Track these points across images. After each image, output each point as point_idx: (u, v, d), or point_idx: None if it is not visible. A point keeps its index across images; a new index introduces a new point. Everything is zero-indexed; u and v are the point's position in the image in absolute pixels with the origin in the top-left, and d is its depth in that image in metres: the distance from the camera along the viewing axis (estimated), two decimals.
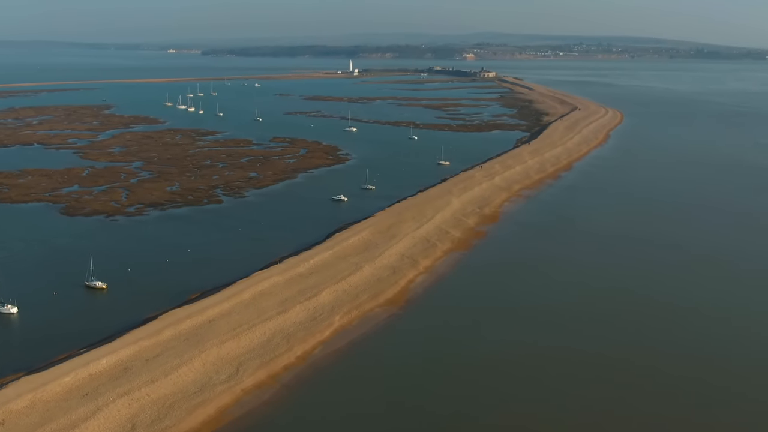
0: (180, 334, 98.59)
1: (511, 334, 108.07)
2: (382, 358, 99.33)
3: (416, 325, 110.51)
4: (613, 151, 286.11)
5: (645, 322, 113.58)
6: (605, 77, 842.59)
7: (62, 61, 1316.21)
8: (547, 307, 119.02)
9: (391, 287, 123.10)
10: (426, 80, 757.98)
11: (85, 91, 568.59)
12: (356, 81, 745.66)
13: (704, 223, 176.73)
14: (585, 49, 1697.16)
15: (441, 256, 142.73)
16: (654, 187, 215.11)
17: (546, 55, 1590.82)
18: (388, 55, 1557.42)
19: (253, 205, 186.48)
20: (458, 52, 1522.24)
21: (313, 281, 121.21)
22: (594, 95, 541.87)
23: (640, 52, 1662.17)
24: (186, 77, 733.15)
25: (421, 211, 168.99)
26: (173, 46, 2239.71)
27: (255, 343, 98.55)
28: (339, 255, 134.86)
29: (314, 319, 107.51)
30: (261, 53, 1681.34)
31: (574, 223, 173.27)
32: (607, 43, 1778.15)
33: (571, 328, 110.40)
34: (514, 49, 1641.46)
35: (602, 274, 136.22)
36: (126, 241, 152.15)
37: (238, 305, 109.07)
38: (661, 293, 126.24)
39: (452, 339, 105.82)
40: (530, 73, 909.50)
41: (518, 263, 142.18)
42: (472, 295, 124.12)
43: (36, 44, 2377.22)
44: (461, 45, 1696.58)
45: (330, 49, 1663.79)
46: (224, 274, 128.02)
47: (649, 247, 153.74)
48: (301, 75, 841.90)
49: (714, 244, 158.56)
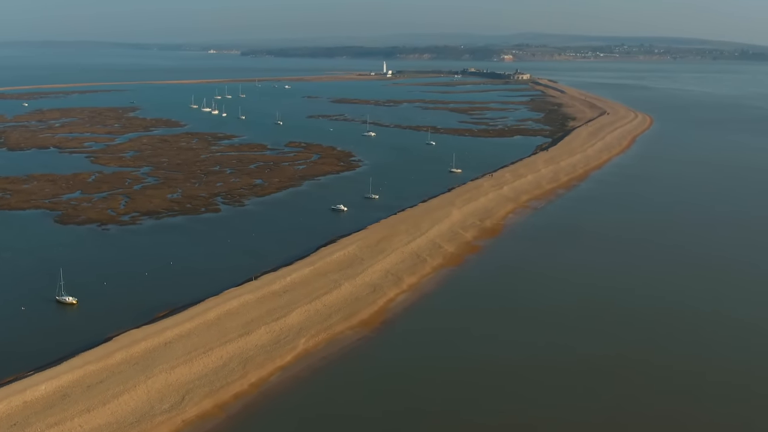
0: (131, 357, 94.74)
1: (491, 363, 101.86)
2: (341, 388, 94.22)
3: (386, 351, 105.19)
4: (635, 159, 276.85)
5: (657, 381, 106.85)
6: (643, 79, 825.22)
7: (104, 61, 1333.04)
8: (535, 335, 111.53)
9: (367, 307, 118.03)
10: (458, 82, 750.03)
11: (116, 92, 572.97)
12: (388, 83, 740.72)
13: (730, 244, 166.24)
14: (626, 50, 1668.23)
15: (429, 272, 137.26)
16: (673, 200, 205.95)
17: (586, 57, 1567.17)
18: (425, 55, 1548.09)
19: (250, 215, 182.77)
20: (496, 53, 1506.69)
21: (285, 300, 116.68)
22: (627, 99, 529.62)
23: (682, 54, 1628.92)
24: (218, 78, 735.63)
25: (417, 224, 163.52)
26: (214, 46, 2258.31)
27: (209, 368, 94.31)
28: (319, 271, 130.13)
29: (278, 343, 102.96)
30: (299, 54, 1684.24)
31: (579, 238, 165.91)
32: (649, 44, 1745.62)
33: (562, 361, 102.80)
34: (553, 50, 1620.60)
35: (601, 299, 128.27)
36: (111, 252, 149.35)
37: (201, 326, 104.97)
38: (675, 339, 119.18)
39: (424, 368, 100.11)
40: (567, 75, 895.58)
41: (510, 282, 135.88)
42: (453, 317, 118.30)
43: (83, 44, 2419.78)
44: (500, 46, 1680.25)
45: (368, 49, 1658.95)
46: (199, 289, 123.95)
47: (656, 265, 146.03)
48: (333, 77, 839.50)
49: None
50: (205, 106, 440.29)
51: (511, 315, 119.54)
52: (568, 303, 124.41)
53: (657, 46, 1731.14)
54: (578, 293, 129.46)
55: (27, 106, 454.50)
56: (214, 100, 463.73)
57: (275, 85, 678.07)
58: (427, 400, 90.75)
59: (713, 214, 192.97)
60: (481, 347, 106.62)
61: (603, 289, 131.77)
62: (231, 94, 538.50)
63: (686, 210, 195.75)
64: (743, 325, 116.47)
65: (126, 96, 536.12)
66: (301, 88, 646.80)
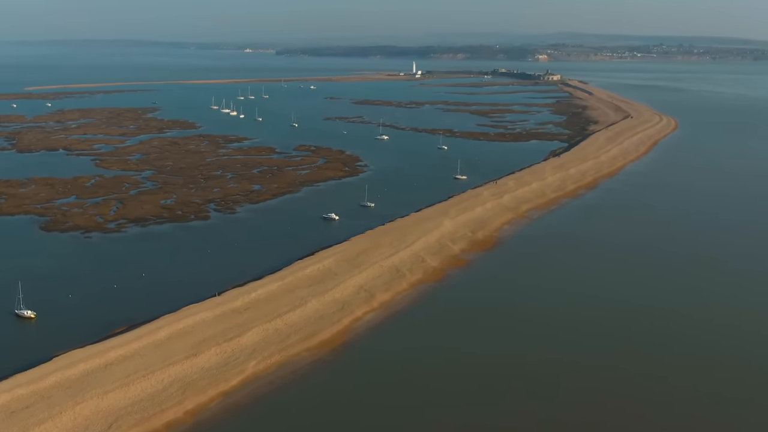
0: (66, 380, 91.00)
1: (450, 392, 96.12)
2: (283, 417, 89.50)
3: (339, 376, 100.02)
4: (650, 165, 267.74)
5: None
6: (678, 81, 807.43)
7: (140, 60, 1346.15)
8: (511, 360, 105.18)
9: (330, 326, 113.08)
10: (487, 83, 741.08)
11: (141, 92, 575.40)
12: (416, 84, 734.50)
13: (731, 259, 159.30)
14: (664, 50, 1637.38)
15: (405, 288, 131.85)
16: (680, 212, 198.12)
17: (623, 57, 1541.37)
18: (459, 55, 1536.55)
19: (239, 223, 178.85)
20: (531, 53, 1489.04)
21: (244, 318, 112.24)
22: (656, 101, 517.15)
23: (722, 54, 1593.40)
24: (246, 78, 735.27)
25: (403, 235, 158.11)
26: (250, 45, 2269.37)
27: (146, 392, 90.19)
28: (288, 287, 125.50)
29: (225, 365, 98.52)
30: (333, 53, 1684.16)
31: (571, 251, 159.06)
32: (689, 43, 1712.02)
33: (540, 394, 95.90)
34: (589, 50, 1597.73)
35: (586, 321, 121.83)
36: (85, 262, 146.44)
37: (148, 346, 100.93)
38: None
39: (378, 396, 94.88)
40: (600, 75, 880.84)
41: (489, 300, 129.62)
42: (421, 338, 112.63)
43: (123, 43, 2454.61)
44: (536, 46, 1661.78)
45: (402, 49, 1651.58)
46: (163, 304, 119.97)
47: (652, 290, 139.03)
48: (362, 77, 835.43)
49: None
50: (225, 107, 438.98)
51: (484, 337, 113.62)
52: (549, 325, 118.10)
53: (696, 46, 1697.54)
54: (562, 314, 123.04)
55: (50, 106, 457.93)
56: (235, 101, 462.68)
57: (301, 85, 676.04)
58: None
59: (716, 224, 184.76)
60: (445, 374, 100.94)
61: (588, 309, 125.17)
62: (254, 95, 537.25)
63: (688, 222, 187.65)
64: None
65: (150, 96, 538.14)
66: (327, 88, 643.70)
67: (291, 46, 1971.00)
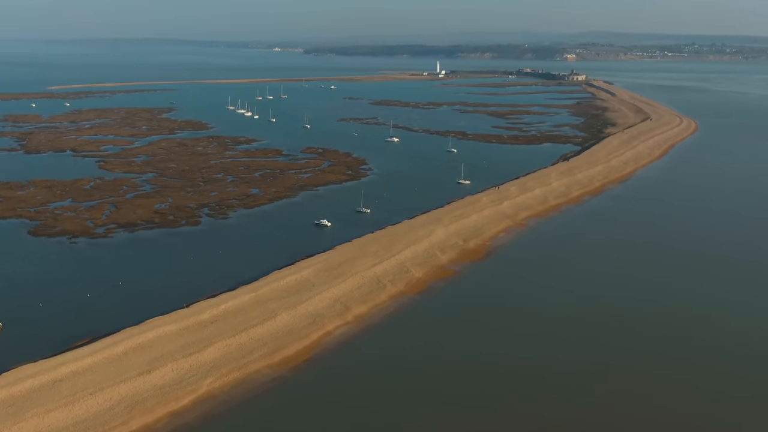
0: (9, 398, 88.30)
1: (413, 420, 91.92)
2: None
3: (297, 395, 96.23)
4: (662, 170, 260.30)
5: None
6: (706, 81, 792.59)
7: (169, 60, 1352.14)
8: (485, 377, 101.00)
9: (298, 341, 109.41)
10: (510, 83, 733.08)
11: (162, 92, 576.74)
12: (438, 83, 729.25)
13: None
14: (696, 49, 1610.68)
15: (384, 301, 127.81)
16: (685, 222, 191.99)
17: (653, 56, 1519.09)
18: (487, 55, 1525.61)
19: (228, 230, 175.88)
20: (559, 52, 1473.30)
21: (209, 332, 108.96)
22: (679, 102, 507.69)
23: (755, 54, 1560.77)
24: (270, 78, 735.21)
25: (391, 244, 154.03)
26: (279, 44, 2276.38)
27: (90, 412, 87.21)
28: (260, 299, 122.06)
29: (180, 383, 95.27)
30: (360, 52, 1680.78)
31: (568, 263, 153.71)
32: (721, 43, 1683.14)
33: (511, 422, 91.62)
34: (619, 50, 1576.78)
35: (578, 341, 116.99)
36: (65, 269, 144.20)
37: (102, 361, 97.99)
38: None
39: (335, 418, 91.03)
40: (628, 76, 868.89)
41: (472, 314, 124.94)
42: (389, 356, 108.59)
43: (155, 41, 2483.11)
44: (565, 45, 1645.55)
45: (429, 48, 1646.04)
46: (133, 315, 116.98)
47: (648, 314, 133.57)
48: (384, 76, 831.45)
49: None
50: (240, 108, 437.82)
51: (457, 353, 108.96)
52: (530, 339, 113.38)
53: (729, 45, 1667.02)
54: (545, 328, 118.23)
55: (68, 105, 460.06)
56: (253, 101, 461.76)
57: (321, 85, 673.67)
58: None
59: (719, 232, 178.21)
60: (409, 395, 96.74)
61: (575, 322, 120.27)
62: (273, 95, 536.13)
63: (691, 229, 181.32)
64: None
65: (170, 96, 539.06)
66: (347, 88, 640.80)
67: (319, 45, 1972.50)
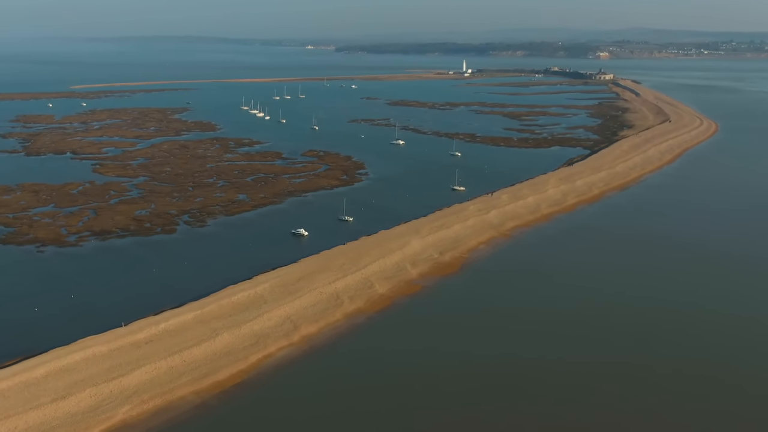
0: None
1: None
2: None
3: (219, 425, 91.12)
4: (669, 177, 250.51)
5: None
6: (738, 81, 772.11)
7: (199, 58, 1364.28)
8: (434, 413, 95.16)
9: (233, 364, 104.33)
10: (535, 82, 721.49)
11: (181, 91, 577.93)
12: (461, 83, 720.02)
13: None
14: (733, 47, 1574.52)
15: (338, 320, 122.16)
16: (684, 237, 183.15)
17: (688, 54, 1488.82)
18: (519, 53, 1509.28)
19: (202, 239, 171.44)
20: (593, 50, 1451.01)
21: (140, 354, 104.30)
22: (705, 102, 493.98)
23: None
24: (295, 77, 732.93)
25: (358, 257, 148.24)
26: (312, 42, 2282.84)
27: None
28: (205, 317, 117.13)
29: (95, 410, 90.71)
30: (391, 50, 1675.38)
31: (543, 278, 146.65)
32: (760, 40, 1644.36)
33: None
34: (653, 47, 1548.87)
35: (533, 365, 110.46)
36: (23, 281, 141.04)
37: (18, 385, 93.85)
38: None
39: None
40: (659, 75, 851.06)
41: (431, 334, 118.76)
42: (331, 381, 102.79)
43: (191, 39, 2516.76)
44: (600, 42, 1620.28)
45: (460, 46, 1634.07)
46: (69, 334, 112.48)
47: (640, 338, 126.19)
48: (409, 75, 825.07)
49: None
50: (253, 108, 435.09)
51: (403, 380, 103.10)
52: (485, 370, 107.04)
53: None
54: (504, 351, 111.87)
55: (85, 105, 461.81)
56: (270, 100, 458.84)
57: (342, 84, 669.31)
58: None
59: (712, 247, 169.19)
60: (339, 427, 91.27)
61: (535, 348, 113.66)
62: (291, 95, 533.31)
63: (685, 240, 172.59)
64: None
65: (188, 95, 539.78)
66: (368, 87, 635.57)
67: (352, 43, 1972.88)
